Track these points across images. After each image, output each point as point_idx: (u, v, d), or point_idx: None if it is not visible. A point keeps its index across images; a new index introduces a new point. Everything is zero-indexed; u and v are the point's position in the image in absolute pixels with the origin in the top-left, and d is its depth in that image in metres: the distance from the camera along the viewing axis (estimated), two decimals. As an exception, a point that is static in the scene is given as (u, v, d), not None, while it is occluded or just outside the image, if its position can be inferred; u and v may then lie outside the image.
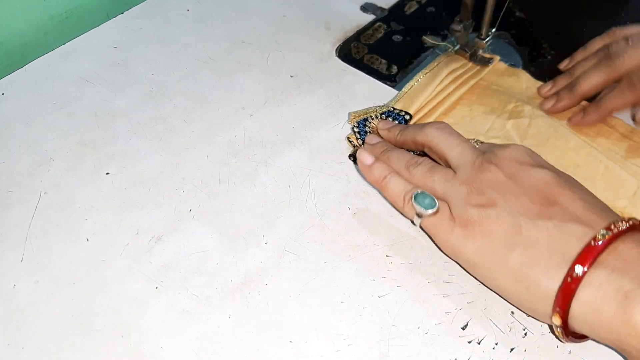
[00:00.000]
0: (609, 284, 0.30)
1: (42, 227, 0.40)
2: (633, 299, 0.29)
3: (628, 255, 0.30)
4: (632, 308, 0.29)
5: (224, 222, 0.40)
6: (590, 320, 0.30)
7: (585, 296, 0.30)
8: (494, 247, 0.33)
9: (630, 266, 0.30)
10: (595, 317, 0.30)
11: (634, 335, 0.29)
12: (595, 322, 0.30)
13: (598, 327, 0.30)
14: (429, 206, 0.36)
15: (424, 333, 0.35)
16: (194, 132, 0.46)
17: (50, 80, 0.50)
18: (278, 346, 0.34)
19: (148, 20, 0.55)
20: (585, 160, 0.43)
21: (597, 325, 0.30)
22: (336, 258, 0.38)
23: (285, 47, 0.53)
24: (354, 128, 0.45)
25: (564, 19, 0.56)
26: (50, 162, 0.44)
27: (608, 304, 0.29)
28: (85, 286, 0.37)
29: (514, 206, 0.34)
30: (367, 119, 0.45)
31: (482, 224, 0.34)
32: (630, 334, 0.29)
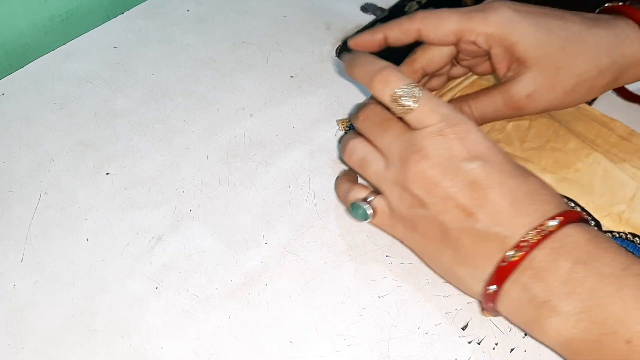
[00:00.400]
0: (524, 294, 0.31)
1: (42, 227, 0.40)
2: (545, 310, 0.30)
3: (543, 263, 0.30)
4: (544, 319, 0.30)
5: (224, 222, 0.40)
6: (514, 321, 0.33)
7: (504, 305, 0.32)
8: (428, 246, 0.35)
9: (544, 275, 0.30)
10: (517, 320, 0.33)
11: (548, 342, 0.31)
12: (517, 323, 0.33)
13: (521, 326, 0.33)
14: (363, 218, 0.37)
15: (424, 333, 0.35)
16: (194, 132, 0.46)
17: (50, 81, 0.50)
18: (278, 346, 0.34)
19: (148, 21, 0.55)
20: (585, 162, 0.43)
21: (520, 326, 0.33)
22: (336, 258, 0.38)
23: (286, 47, 0.53)
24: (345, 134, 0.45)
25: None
26: (51, 162, 0.44)
27: (525, 313, 0.31)
28: (85, 286, 0.37)
29: (441, 209, 0.33)
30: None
31: (415, 223, 0.34)
32: (545, 340, 0.31)
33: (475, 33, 0.38)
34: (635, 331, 0.28)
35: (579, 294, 0.29)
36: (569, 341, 0.29)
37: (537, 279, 0.30)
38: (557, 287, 0.30)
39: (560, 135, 0.44)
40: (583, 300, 0.29)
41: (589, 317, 0.29)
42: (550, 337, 0.30)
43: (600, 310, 0.29)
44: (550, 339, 0.30)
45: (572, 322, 0.29)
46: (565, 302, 0.29)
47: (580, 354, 0.30)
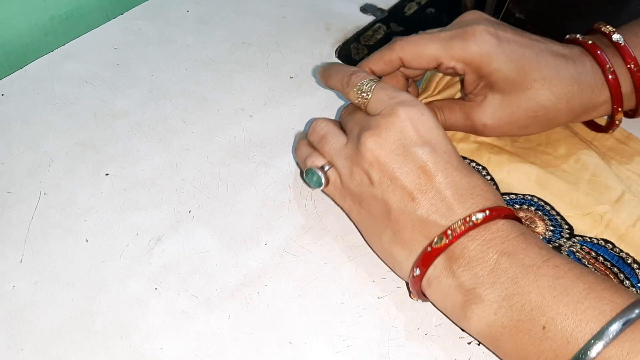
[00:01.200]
0: (453, 280, 0.32)
1: (41, 227, 0.40)
2: (471, 297, 0.31)
3: (474, 253, 0.32)
4: (468, 305, 0.32)
5: (224, 223, 0.40)
6: (440, 307, 0.34)
7: (433, 291, 0.34)
8: (371, 223, 0.36)
9: (473, 264, 0.32)
10: (442, 306, 0.34)
11: (471, 328, 0.32)
12: (444, 309, 0.34)
13: (447, 313, 0.34)
14: (316, 184, 0.38)
15: (423, 334, 0.35)
16: (193, 133, 0.46)
17: (50, 81, 0.50)
18: (278, 347, 0.34)
19: (148, 21, 0.55)
20: (572, 167, 0.43)
21: (446, 312, 0.34)
22: (336, 259, 0.38)
23: (285, 48, 0.53)
24: None
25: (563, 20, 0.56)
26: (50, 163, 0.44)
27: (452, 299, 0.33)
28: (84, 287, 0.37)
29: (387, 189, 0.34)
30: None
31: (362, 199, 0.36)
32: (468, 326, 0.32)
33: (454, 60, 0.40)
34: (549, 317, 0.29)
35: (502, 282, 0.31)
36: (490, 327, 0.31)
37: (466, 267, 0.32)
38: (484, 276, 0.31)
39: (551, 142, 0.45)
40: (505, 289, 0.31)
41: (509, 304, 0.30)
42: (473, 323, 0.32)
43: (519, 298, 0.30)
44: (473, 324, 0.32)
45: (493, 309, 0.31)
46: (489, 290, 0.31)
47: (500, 340, 0.31)
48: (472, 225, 0.32)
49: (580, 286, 0.29)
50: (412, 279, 0.34)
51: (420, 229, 0.33)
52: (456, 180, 0.34)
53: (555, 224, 0.40)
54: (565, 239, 0.39)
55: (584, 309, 0.29)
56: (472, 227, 0.32)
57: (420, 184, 0.34)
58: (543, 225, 0.40)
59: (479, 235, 0.32)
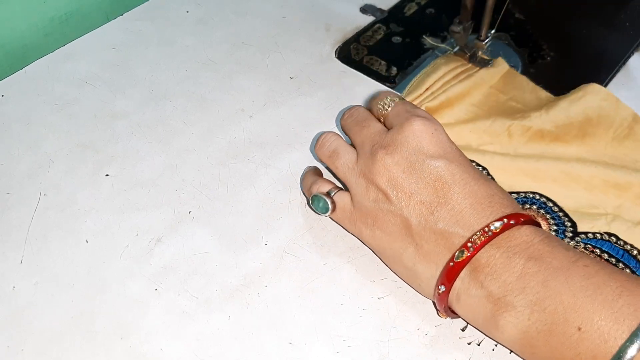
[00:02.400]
0: (481, 291, 0.31)
1: (41, 228, 0.40)
2: (501, 305, 0.31)
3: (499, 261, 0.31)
4: (500, 314, 0.31)
5: (224, 223, 0.40)
6: (470, 320, 0.33)
7: (461, 306, 0.33)
8: (390, 242, 0.35)
9: (500, 272, 0.31)
10: (473, 319, 0.33)
11: (504, 338, 0.31)
12: (475, 323, 0.33)
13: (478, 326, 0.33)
14: (322, 210, 0.38)
15: (423, 335, 0.35)
16: (193, 133, 0.46)
17: (50, 82, 0.50)
18: (278, 348, 0.34)
19: (148, 22, 0.56)
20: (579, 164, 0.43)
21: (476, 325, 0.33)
22: (336, 259, 0.38)
23: (285, 48, 0.53)
24: None
25: (563, 21, 0.56)
26: (50, 164, 0.44)
27: (481, 311, 0.32)
28: (85, 288, 0.37)
29: (405, 204, 0.34)
30: None
31: (377, 218, 0.35)
32: (501, 336, 0.31)
33: None
34: (584, 317, 0.28)
35: (532, 287, 0.30)
36: (524, 334, 0.30)
37: (494, 276, 0.31)
38: (512, 283, 0.30)
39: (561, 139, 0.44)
40: (535, 293, 0.30)
41: (541, 308, 0.30)
42: (506, 332, 0.31)
43: (551, 300, 0.29)
44: (506, 333, 0.31)
45: (526, 315, 0.30)
46: (519, 297, 0.30)
47: (535, 347, 0.30)
48: (491, 235, 0.31)
49: (613, 285, 0.29)
50: (438, 296, 0.33)
51: (443, 241, 0.33)
52: (474, 190, 0.33)
53: (559, 222, 0.40)
54: (569, 239, 0.39)
55: (619, 307, 0.28)
56: (491, 236, 0.31)
57: (438, 196, 0.33)
58: (546, 225, 0.40)
59: (503, 243, 0.31)
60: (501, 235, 0.32)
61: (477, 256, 0.32)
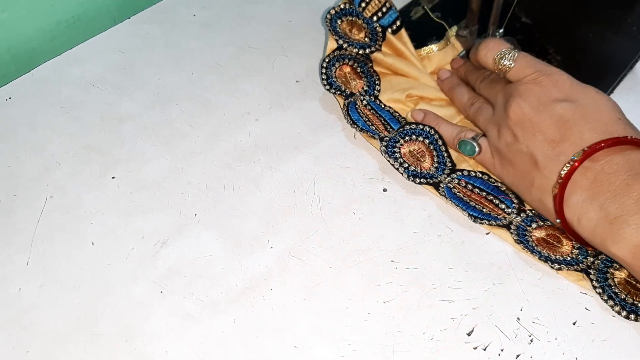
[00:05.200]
0: (601, 212, 0.35)
1: (47, 230, 0.40)
2: (617, 223, 0.34)
3: (620, 187, 0.35)
4: (616, 231, 0.34)
5: (229, 226, 0.40)
6: (590, 238, 0.36)
7: (582, 226, 0.36)
8: (522, 178, 0.40)
9: (620, 196, 0.34)
10: (591, 237, 0.36)
11: (618, 252, 0.34)
12: (592, 240, 0.36)
13: (595, 244, 0.36)
14: (470, 152, 0.43)
15: (429, 339, 0.35)
16: (199, 136, 0.46)
17: (57, 85, 0.50)
18: (282, 351, 0.34)
19: (155, 25, 0.56)
20: None
21: (594, 242, 0.36)
22: (341, 263, 0.38)
23: (291, 52, 0.53)
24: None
25: (570, 25, 0.56)
26: (57, 166, 0.44)
27: (600, 230, 0.35)
28: (90, 290, 0.37)
29: (531, 143, 0.38)
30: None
31: (510, 158, 0.40)
32: (615, 250, 0.35)
33: None
34: None
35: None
36: (637, 247, 0.33)
37: (613, 200, 0.35)
38: (630, 205, 0.34)
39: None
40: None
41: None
42: (621, 247, 0.34)
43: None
44: (621, 248, 0.34)
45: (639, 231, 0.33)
46: (635, 216, 0.34)
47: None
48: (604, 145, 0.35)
49: None
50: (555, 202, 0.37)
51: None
52: (598, 125, 0.37)
53: (441, 160, 0.44)
54: (446, 175, 0.43)
55: None
56: (604, 145, 0.35)
57: (561, 133, 0.37)
58: (430, 161, 0.44)
59: (623, 169, 0.35)
60: (619, 156, 0.35)
61: (596, 178, 0.35)
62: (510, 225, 0.40)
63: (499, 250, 0.39)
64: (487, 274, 0.38)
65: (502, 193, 0.42)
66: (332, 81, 0.48)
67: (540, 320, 0.35)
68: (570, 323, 0.35)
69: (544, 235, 0.39)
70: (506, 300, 0.36)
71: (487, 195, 0.41)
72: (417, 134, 0.44)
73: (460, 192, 0.42)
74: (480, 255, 0.39)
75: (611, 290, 0.36)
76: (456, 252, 0.39)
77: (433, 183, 0.42)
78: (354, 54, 0.49)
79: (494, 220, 0.40)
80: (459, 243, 0.39)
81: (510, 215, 0.40)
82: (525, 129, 0.38)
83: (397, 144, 0.44)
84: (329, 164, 0.44)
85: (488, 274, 0.38)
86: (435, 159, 0.44)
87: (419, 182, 0.42)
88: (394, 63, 0.49)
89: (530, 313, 0.36)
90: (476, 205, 0.41)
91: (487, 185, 0.42)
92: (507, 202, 0.41)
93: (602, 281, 0.37)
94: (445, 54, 0.51)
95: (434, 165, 0.43)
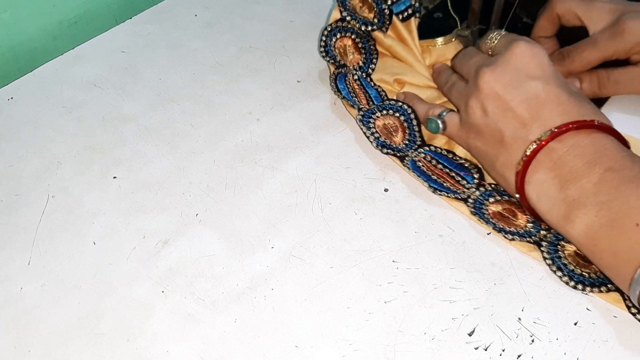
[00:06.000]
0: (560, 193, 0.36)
1: (49, 230, 0.40)
2: (575, 205, 0.35)
3: (581, 170, 0.35)
4: (572, 211, 0.35)
5: (231, 226, 0.40)
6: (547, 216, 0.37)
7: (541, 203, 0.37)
8: (487, 151, 0.40)
9: (579, 178, 0.35)
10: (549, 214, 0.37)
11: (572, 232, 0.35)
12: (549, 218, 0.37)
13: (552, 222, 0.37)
14: (435, 130, 0.43)
15: (430, 339, 0.35)
16: (201, 136, 0.46)
17: (58, 85, 0.50)
18: (284, 351, 0.34)
19: (156, 26, 0.56)
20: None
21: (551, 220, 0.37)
22: (342, 263, 0.38)
23: (292, 52, 0.53)
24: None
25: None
26: (58, 166, 0.44)
27: (557, 209, 0.36)
28: (91, 290, 0.37)
29: (501, 118, 0.38)
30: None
31: (477, 129, 0.40)
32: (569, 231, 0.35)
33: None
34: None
35: (605, 191, 0.34)
36: (589, 227, 0.34)
37: (573, 181, 0.35)
38: (589, 188, 0.35)
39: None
40: (607, 195, 0.34)
41: (608, 207, 0.34)
42: (575, 227, 0.35)
43: (619, 202, 0.33)
44: (575, 228, 0.35)
45: (594, 212, 0.34)
46: (592, 198, 0.34)
47: (597, 240, 0.34)
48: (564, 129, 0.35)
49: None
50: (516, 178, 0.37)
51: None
52: (567, 109, 0.36)
53: (412, 138, 0.45)
54: (414, 150, 0.44)
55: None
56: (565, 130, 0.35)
57: (532, 112, 0.37)
58: (402, 137, 0.45)
59: (587, 153, 0.35)
60: (584, 137, 0.35)
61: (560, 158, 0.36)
62: (467, 199, 0.41)
63: (500, 250, 0.39)
64: (488, 274, 0.38)
65: (465, 170, 0.43)
66: (329, 49, 0.49)
67: (541, 320, 0.35)
68: (572, 323, 0.35)
69: (500, 210, 0.40)
70: (507, 301, 0.36)
71: (449, 172, 0.43)
72: (394, 110, 0.46)
73: (425, 165, 0.43)
74: (482, 255, 0.39)
75: (560, 261, 0.37)
76: (457, 252, 0.39)
77: (399, 156, 0.43)
78: (356, 29, 0.49)
79: (453, 193, 0.41)
80: (460, 243, 0.39)
81: (470, 190, 0.41)
82: (495, 103, 0.38)
83: (373, 115, 0.45)
84: (331, 164, 0.44)
85: (489, 274, 0.38)
86: (407, 136, 0.45)
87: (385, 152, 0.43)
88: (393, 45, 0.50)
89: (531, 313, 0.36)
90: (437, 179, 0.42)
91: (450, 162, 0.43)
92: (468, 177, 0.42)
93: (552, 253, 0.38)
94: (446, 49, 0.51)
95: (404, 142, 0.44)
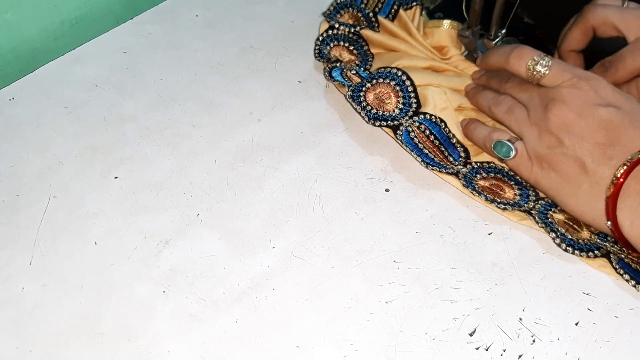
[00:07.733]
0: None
1: (50, 230, 0.40)
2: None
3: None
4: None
5: (232, 226, 0.40)
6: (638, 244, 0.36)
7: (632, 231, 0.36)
8: (566, 183, 0.39)
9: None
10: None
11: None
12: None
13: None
14: (506, 154, 0.41)
15: (431, 339, 0.35)
16: (202, 136, 0.46)
17: (60, 85, 0.50)
18: (285, 351, 0.34)
19: (157, 26, 0.56)
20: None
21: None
22: (343, 263, 0.38)
23: (294, 52, 0.53)
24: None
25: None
26: (60, 166, 0.44)
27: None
28: (92, 290, 0.37)
29: (579, 146, 0.38)
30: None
31: (552, 162, 0.39)
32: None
33: None
34: None
35: None
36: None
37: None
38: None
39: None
40: None
41: None
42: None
43: None
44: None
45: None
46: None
47: None
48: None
49: None
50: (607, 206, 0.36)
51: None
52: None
53: (406, 102, 0.44)
54: (408, 117, 0.44)
55: None
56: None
57: (610, 137, 0.37)
58: (395, 102, 0.44)
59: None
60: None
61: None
62: (458, 174, 0.42)
63: (501, 250, 0.39)
64: (489, 274, 0.38)
65: (451, 146, 0.43)
66: (323, 54, 0.49)
67: (542, 320, 0.35)
68: (573, 323, 0.35)
69: (488, 185, 0.41)
70: (508, 301, 0.36)
71: (439, 145, 0.43)
72: (384, 77, 0.45)
73: (418, 136, 0.43)
74: (483, 255, 0.39)
75: (553, 226, 0.39)
76: (458, 253, 0.39)
77: (392, 126, 0.43)
78: (347, 33, 0.50)
79: (444, 168, 0.42)
80: (461, 243, 0.39)
81: (457, 166, 0.42)
82: (570, 133, 0.38)
83: (362, 88, 0.45)
84: (332, 164, 0.44)
85: (490, 274, 0.38)
86: (401, 100, 0.44)
87: (378, 124, 0.44)
88: (383, 40, 0.50)
89: (532, 313, 0.36)
90: (429, 153, 0.42)
91: (441, 135, 0.43)
92: (454, 155, 0.43)
93: (543, 219, 0.39)
94: (447, 34, 0.51)
95: (398, 107, 0.44)
